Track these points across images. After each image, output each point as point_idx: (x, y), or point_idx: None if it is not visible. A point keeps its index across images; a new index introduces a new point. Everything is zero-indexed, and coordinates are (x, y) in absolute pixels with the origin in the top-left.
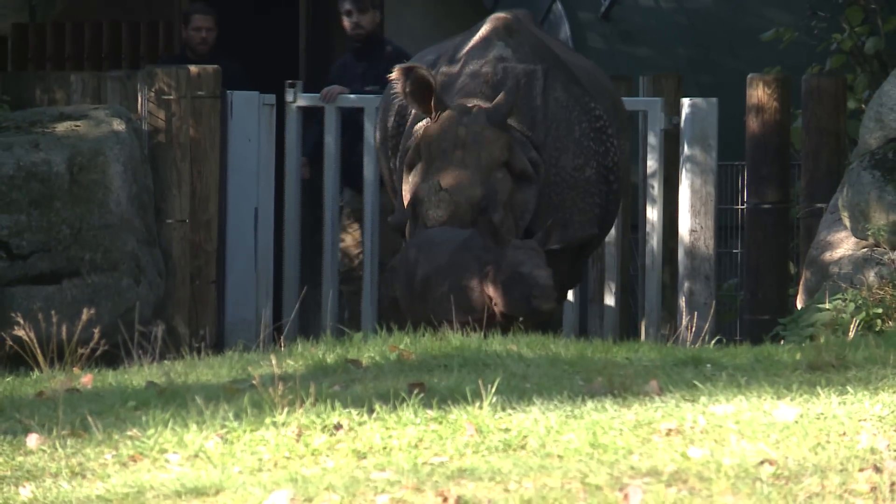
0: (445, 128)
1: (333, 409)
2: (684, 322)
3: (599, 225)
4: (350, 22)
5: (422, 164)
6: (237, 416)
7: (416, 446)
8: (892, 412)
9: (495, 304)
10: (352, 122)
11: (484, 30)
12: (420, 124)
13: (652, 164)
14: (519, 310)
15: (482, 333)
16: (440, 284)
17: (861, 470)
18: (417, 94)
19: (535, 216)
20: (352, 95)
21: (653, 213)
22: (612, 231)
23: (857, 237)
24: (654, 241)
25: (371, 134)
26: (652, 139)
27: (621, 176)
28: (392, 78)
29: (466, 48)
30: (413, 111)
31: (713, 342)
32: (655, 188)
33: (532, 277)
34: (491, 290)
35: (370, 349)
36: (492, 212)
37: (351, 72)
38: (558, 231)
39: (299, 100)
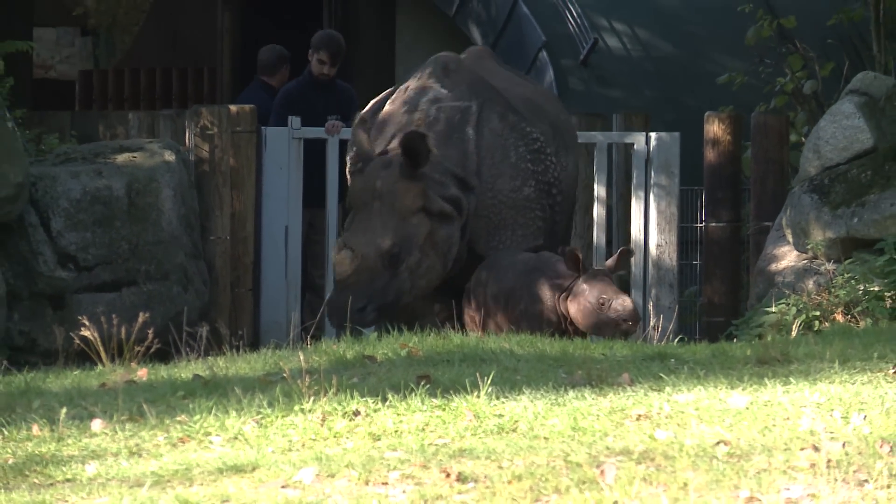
0: (366, 180)
1: (352, 398)
2: (651, 323)
3: (545, 236)
4: (320, 67)
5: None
6: (270, 404)
7: (423, 430)
8: (829, 400)
9: (571, 323)
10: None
11: (424, 71)
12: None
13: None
14: (604, 332)
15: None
16: (517, 303)
17: (802, 449)
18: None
19: (478, 237)
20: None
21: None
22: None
23: (798, 251)
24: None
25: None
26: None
27: (565, 189)
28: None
29: (406, 90)
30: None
31: (676, 340)
32: (633, 208)
33: (617, 304)
34: (571, 311)
35: (384, 347)
36: (405, 255)
37: (311, 103)
38: (495, 249)
39: (303, 133)
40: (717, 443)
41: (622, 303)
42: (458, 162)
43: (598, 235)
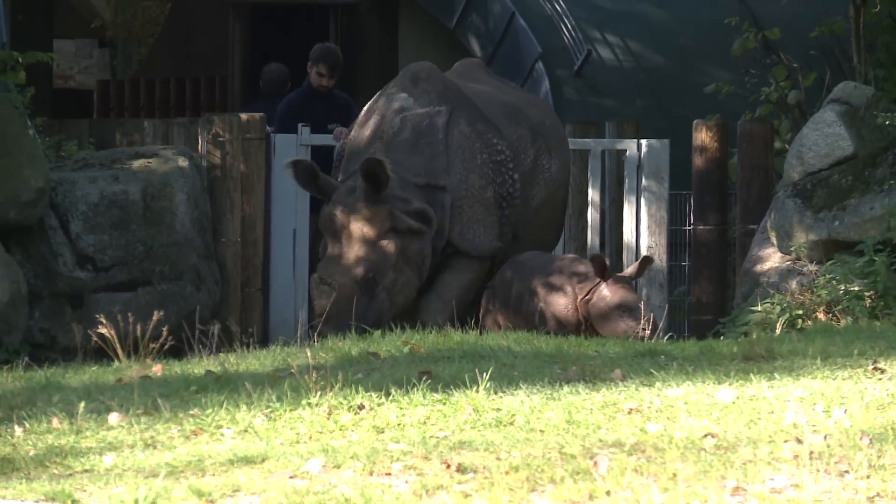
0: (333, 210)
1: (357, 392)
2: (642, 321)
3: (500, 239)
4: (320, 79)
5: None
6: (279, 399)
7: (424, 423)
8: (811, 394)
9: (589, 324)
10: None
11: (391, 84)
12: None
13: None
14: (622, 334)
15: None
16: (538, 303)
17: (786, 441)
18: (308, 182)
19: (452, 226)
20: None
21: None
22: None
23: (782, 252)
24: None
25: None
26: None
27: (516, 203)
28: (284, 167)
29: (374, 103)
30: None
31: (666, 338)
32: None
33: (636, 309)
34: (592, 314)
35: (387, 344)
36: (380, 278)
37: (311, 112)
38: (471, 241)
39: (311, 139)
40: (705, 435)
41: (641, 312)
42: (425, 166)
43: (592, 238)
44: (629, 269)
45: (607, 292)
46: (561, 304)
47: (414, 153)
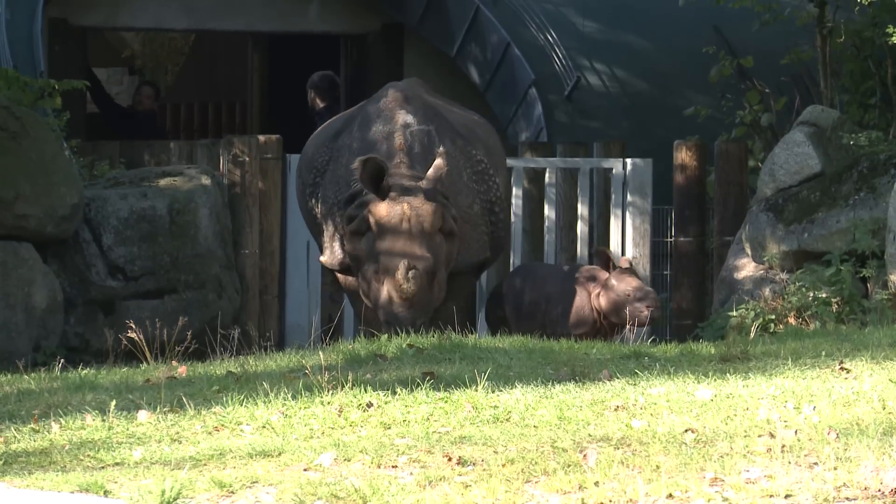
0: (393, 206)
1: (366, 391)
2: (627, 326)
3: (490, 249)
4: (315, 104)
5: (373, 235)
6: (294, 397)
7: (428, 419)
8: (783, 392)
9: (605, 318)
10: None
11: (390, 99)
12: (372, 203)
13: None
14: (632, 319)
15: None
16: (555, 307)
17: (760, 436)
18: (371, 179)
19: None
20: None
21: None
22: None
23: (756, 262)
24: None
25: None
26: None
27: (505, 206)
28: (353, 167)
29: (375, 115)
30: (330, 169)
31: (649, 341)
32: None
33: (644, 292)
34: (603, 305)
35: (393, 346)
36: (437, 271)
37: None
38: (463, 255)
39: None
40: (686, 430)
41: (645, 292)
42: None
43: (581, 249)
44: (623, 260)
45: (614, 282)
46: (578, 303)
47: (425, 167)
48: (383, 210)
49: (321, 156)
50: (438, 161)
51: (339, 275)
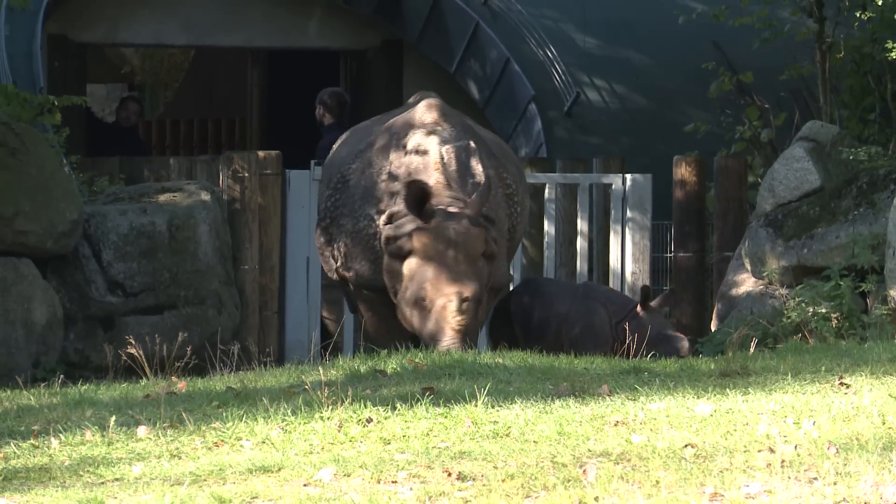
0: (438, 230)
1: (366, 406)
2: (627, 341)
3: (510, 269)
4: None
5: (416, 259)
6: (294, 413)
7: (427, 435)
8: (783, 408)
9: (622, 344)
10: None
11: (424, 114)
12: (409, 225)
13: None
14: (674, 353)
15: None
16: (572, 327)
17: (759, 451)
18: (416, 203)
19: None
20: None
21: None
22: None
23: (755, 277)
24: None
25: None
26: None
27: (517, 233)
28: (395, 188)
29: (409, 126)
30: (355, 179)
31: (649, 356)
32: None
33: (676, 339)
34: (623, 334)
35: (393, 362)
36: (482, 296)
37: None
38: (498, 275)
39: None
40: (685, 445)
41: (680, 340)
42: (476, 200)
43: (581, 264)
44: (655, 301)
45: (647, 320)
46: (597, 325)
47: (462, 185)
48: (428, 236)
49: (347, 163)
50: (484, 184)
51: (352, 286)
